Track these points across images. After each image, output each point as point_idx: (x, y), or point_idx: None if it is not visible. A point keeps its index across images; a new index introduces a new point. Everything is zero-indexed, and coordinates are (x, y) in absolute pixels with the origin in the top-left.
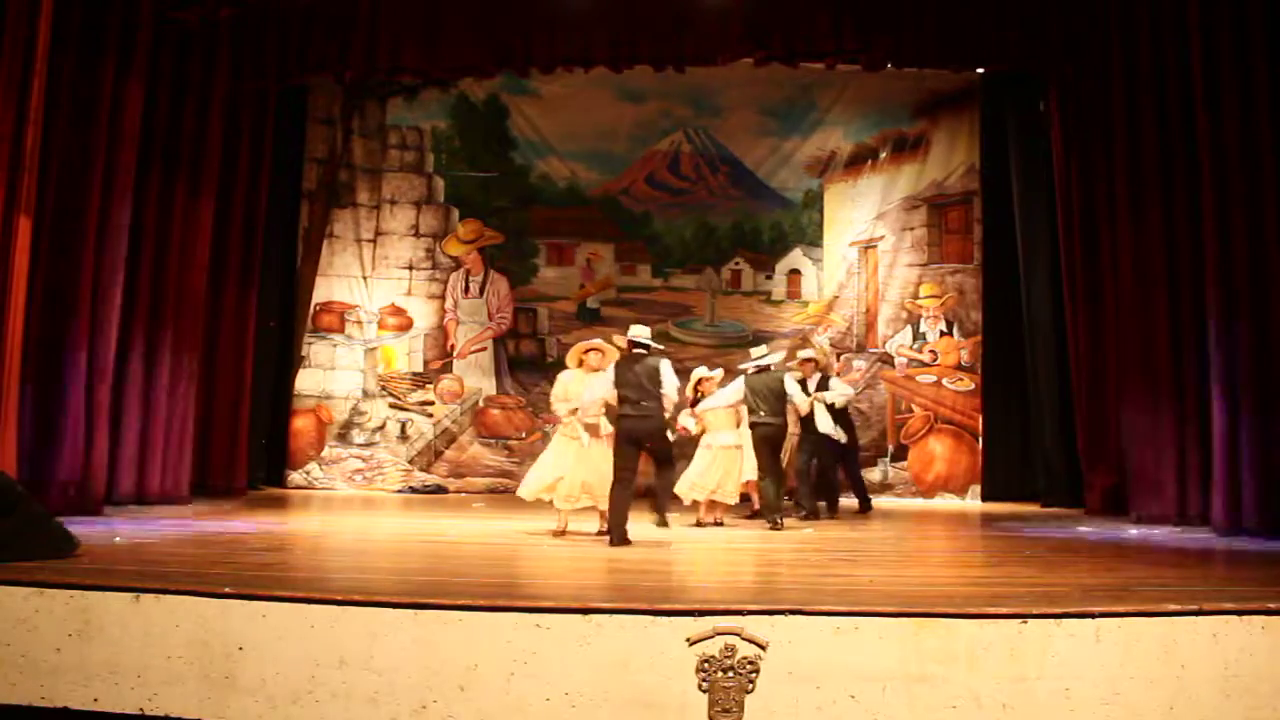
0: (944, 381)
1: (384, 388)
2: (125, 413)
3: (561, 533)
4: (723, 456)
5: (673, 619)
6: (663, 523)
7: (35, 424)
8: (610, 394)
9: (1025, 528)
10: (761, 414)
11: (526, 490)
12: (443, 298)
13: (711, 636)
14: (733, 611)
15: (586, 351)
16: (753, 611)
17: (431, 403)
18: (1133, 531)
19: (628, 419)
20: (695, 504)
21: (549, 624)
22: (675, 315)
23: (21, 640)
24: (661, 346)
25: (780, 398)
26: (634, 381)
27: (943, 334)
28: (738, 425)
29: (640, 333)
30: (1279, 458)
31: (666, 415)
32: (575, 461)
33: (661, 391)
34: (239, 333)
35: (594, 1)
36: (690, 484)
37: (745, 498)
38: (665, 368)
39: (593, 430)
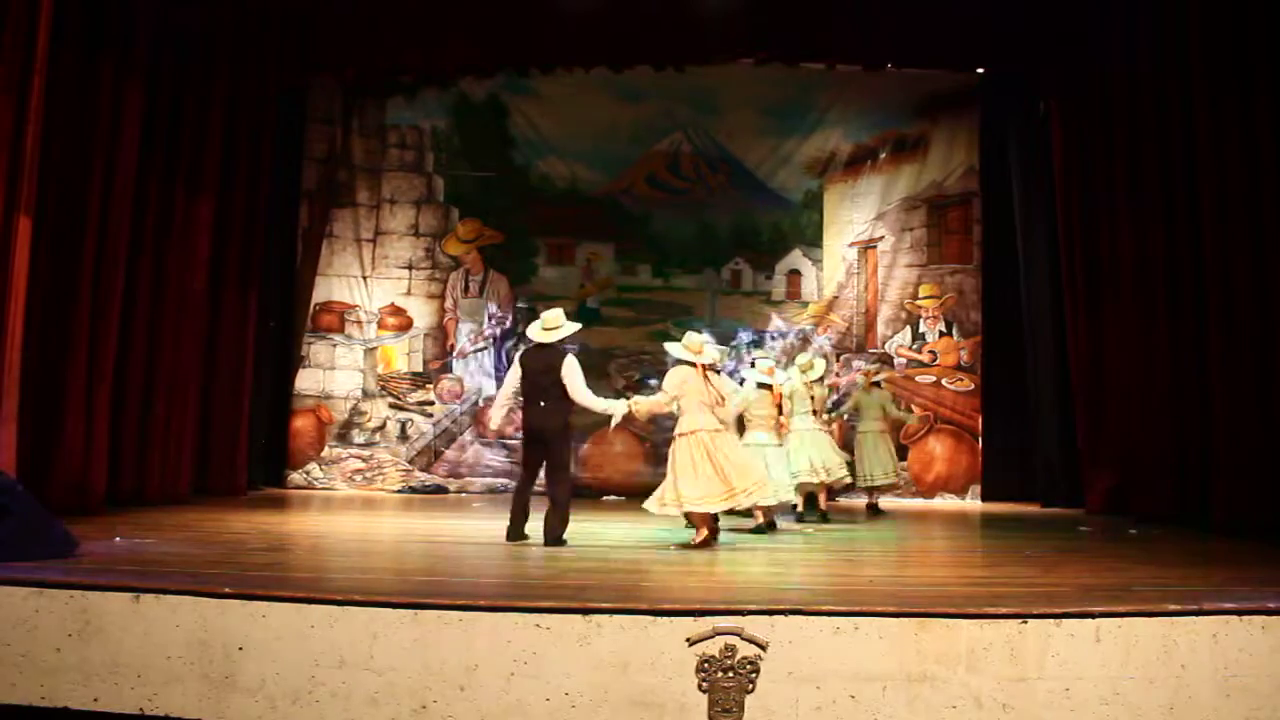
0: (943, 382)
1: (384, 388)
2: (125, 413)
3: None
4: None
5: (673, 619)
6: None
7: (35, 424)
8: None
9: (1025, 528)
10: (542, 404)
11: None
12: (442, 297)
13: (711, 636)
14: (733, 611)
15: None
16: (753, 611)
17: (431, 403)
18: (1133, 531)
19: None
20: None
21: (549, 624)
22: (675, 315)
23: (21, 640)
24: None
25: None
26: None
27: (942, 334)
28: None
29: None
30: (1279, 458)
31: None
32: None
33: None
34: (239, 333)
35: (594, 1)
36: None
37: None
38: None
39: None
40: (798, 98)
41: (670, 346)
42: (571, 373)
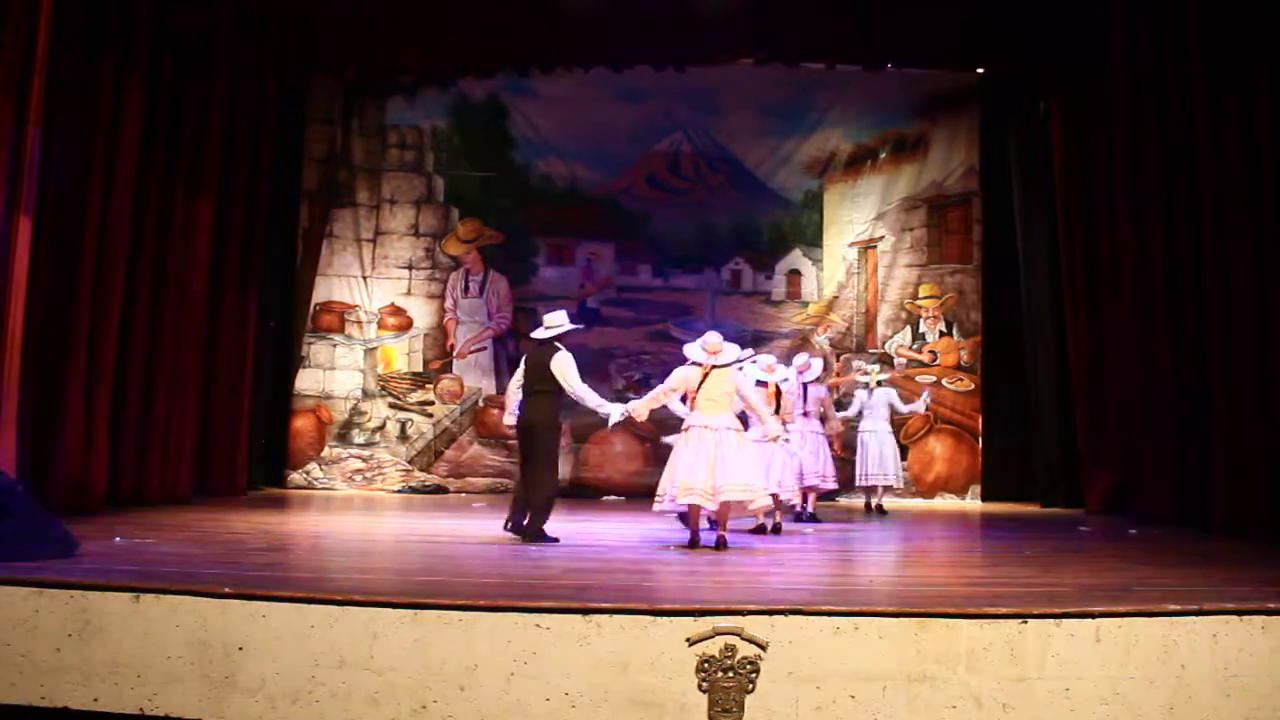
0: (943, 382)
1: (384, 388)
2: (125, 413)
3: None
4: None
5: (673, 619)
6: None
7: (35, 424)
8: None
9: (1025, 528)
10: (532, 398)
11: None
12: (442, 297)
13: (711, 636)
14: (733, 611)
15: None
16: (753, 611)
17: (431, 403)
18: (1133, 531)
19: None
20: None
21: (549, 624)
22: (675, 315)
23: (21, 640)
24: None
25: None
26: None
27: (942, 334)
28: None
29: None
30: (1279, 458)
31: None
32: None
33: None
34: (239, 333)
35: (594, 1)
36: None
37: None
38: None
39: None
40: (798, 98)
41: (688, 347)
42: (563, 367)
